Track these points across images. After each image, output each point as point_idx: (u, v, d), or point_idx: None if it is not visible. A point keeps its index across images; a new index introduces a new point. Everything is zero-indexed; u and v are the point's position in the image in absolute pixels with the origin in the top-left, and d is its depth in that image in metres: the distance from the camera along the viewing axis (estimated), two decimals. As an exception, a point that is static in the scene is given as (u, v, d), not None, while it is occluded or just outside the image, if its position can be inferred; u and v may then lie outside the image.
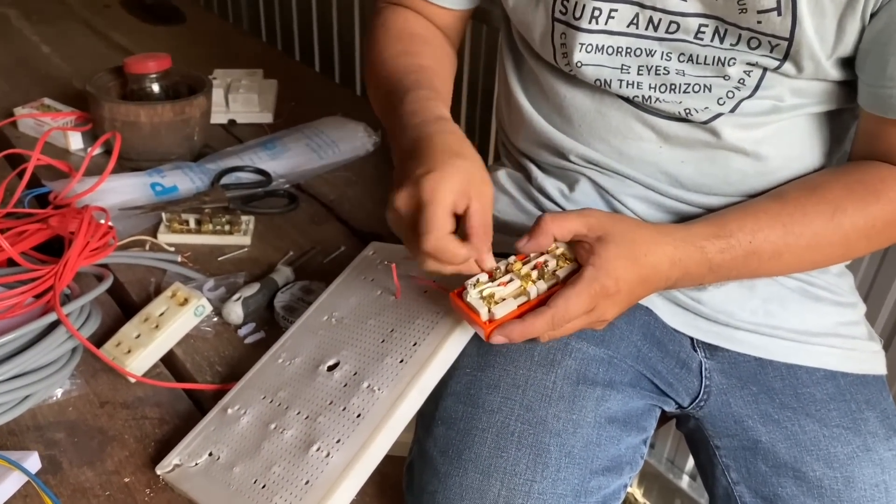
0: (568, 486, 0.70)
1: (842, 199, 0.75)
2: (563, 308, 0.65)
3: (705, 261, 0.71)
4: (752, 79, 0.74)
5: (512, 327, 0.65)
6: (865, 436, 0.78)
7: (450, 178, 0.64)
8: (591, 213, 0.69)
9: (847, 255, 0.79)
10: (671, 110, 0.77)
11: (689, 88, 0.76)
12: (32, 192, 1.14)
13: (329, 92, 1.64)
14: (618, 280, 0.66)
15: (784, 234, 0.73)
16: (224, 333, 0.95)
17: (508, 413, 0.72)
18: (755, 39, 0.71)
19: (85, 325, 0.87)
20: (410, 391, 0.71)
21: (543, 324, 0.65)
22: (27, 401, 0.81)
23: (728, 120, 0.77)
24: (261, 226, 1.14)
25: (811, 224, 0.74)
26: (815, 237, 0.74)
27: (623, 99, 0.79)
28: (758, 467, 0.79)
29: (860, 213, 0.74)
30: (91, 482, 0.76)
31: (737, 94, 0.75)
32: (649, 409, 0.81)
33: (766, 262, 0.74)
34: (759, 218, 0.74)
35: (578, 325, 0.67)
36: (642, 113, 0.79)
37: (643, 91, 0.77)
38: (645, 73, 0.76)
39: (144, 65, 1.28)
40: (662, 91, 0.76)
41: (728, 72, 0.74)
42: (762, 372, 0.82)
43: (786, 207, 0.75)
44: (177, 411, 0.84)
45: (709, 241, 0.72)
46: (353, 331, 0.80)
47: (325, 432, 0.71)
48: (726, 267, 0.73)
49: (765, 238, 0.73)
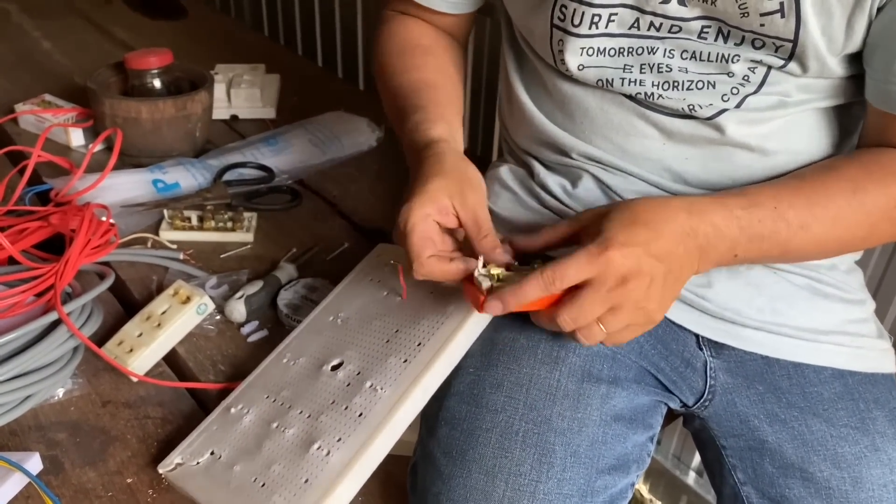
0: (574, 486, 0.69)
1: (861, 178, 0.72)
2: (551, 267, 0.62)
3: (732, 216, 0.68)
4: (757, 76, 0.73)
5: (503, 291, 0.64)
6: (874, 435, 0.77)
7: (421, 206, 0.69)
8: (583, 212, 0.69)
9: (871, 236, 0.75)
10: (675, 107, 0.76)
11: (693, 85, 0.75)
12: (33, 190, 1.14)
13: (332, 87, 1.63)
14: (623, 242, 0.62)
15: (809, 204, 0.70)
16: (227, 332, 0.94)
17: (512, 412, 0.71)
18: (759, 41, 0.70)
19: (86, 324, 0.87)
20: (413, 391, 0.70)
21: (535, 286, 0.63)
22: (28, 401, 0.81)
23: (733, 116, 0.76)
24: (263, 222, 1.14)
25: (834, 199, 0.71)
26: (840, 211, 0.71)
27: (626, 96, 0.78)
28: (764, 468, 0.78)
29: (881, 192, 0.72)
30: (93, 483, 0.76)
31: (741, 90, 0.74)
32: (655, 406, 0.80)
33: (797, 232, 0.70)
34: (780, 190, 0.72)
35: (596, 302, 0.63)
36: (645, 110, 0.78)
37: (646, 88, 0.76)
38: (648, 71, 0.75)
39: (145, 60, 1.28)
40: (665, 88, 0.76)
41: (732, 69, 0.73)
42: (769, 371, 0.81)
43: (805, 183, 0.73)
44: (180, 411, 0.84)
45: (729, 198, 0.69)
46: (357, 331, 0.80)
47: (327, 431, 0.70)
48: (756, 230, 0.68)
49: (789, 205, 0.70)
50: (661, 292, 0.65)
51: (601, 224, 0.65)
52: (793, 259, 0.77)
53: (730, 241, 0.68)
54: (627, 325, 0.65)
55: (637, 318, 0.65)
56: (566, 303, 0.63)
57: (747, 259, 0.72)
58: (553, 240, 0.70)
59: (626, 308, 0.64)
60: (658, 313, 0.66)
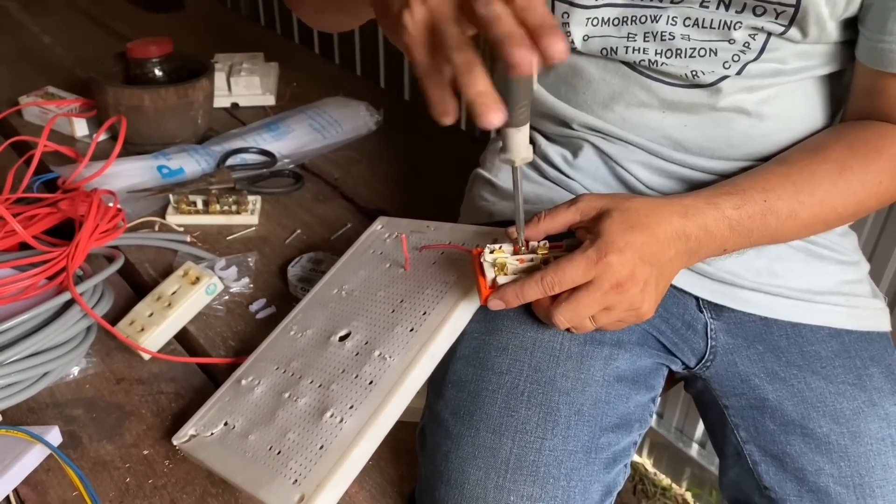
0: (578, 442, 0.71)
1: (846, 157, 0.75)
2: (552, 271, 0.65)
3: (723, 217, 0.71)
4: (757, 42, 0.75)
5: (505, 288, 0.67)
6: (871, 391, 0.78)
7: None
8: (582, 198, 0.70)
9: (858, 213, 0.78)
10: (677, 73, 0.78)
11: (696, 53, 0.76)
12: (41, 178, 1.15)
13: (330, 73, 1.65)
14: (622, 248, 0.65)
15: (796, 192, 0.73)
16: (236, 310, 0.96)
17: (517, 374, 0.73)
18: (760, 7, 0.72)
19: (98, 305, 0.89)
20: (421, 358, 0.72)
21: (535, 289, 0.66)
22: (45, 378, 0.83)
23: (733, 83, 0.77)
24: (267, 205, 1.15)
25: (820, 183, 0.74)
26: (826, 195, 0.74)
27: (628, 65, 0.80)
28: (766, 426, 0.79)
29: (865, 169, 0.75)
30: (111, 455, 0.77)
31: (742, 57, 0.76)
32: (657, 368, 0.82)
33: (785, 221, 0.73)
34: (769, 179, 0.74)
35: (592, 304, 0.65)
36: (646, 80, 0.80)
37: (649, 56, 0.78)
38: (651, 39, 0.77)
39: (147, 49, 1.29)
40: (668, 56, 0.77)
41: (733, 35, 0.74)
42: (767, 331, 0.82)
43: (792, 169, 0.76)
44: (192, 385, 0.86)
45: (721, 198, 0.71)
46: (363, 302, 0.81)
47: (339, 399, 0.72)
48: (746, 226, 0.72)
49: (778, 196, 0.73)
50: (654, 294, 0.68)
51: (600, 226, 0.66)
52: (781, 242, 0.80)
53: (720, 241, 0.72)
54: (619, 320, 0.68)
55: (628, 317, 0.68)
56: (562, 304, 0.66)
57: (736, 250, 0.75)
58: (552, 230, 0.71)
59: (620, 308, 0.67)
60: (649, 312, 0.68)
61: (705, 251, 0.72)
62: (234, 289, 0.99)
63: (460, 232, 0.82)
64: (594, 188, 0.86)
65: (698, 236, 0.70)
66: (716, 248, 0.72)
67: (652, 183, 0.84)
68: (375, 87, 1.73)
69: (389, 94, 1.70)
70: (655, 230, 0.67)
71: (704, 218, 0.70)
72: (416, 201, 1.21)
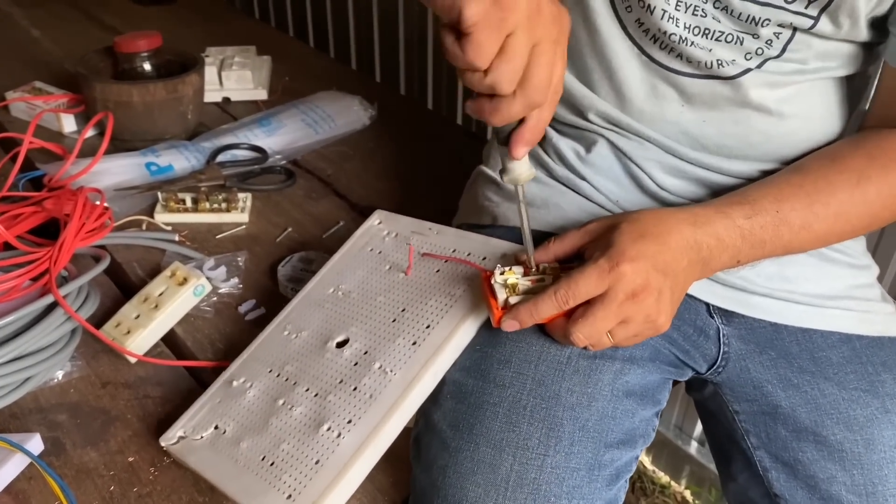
0: (581, 459, 0.68)
1: (865, 167, 0.74)
2: (564, 286, 0.63)
3: (734, 226, 0.69)
4: (781, 40, 0.73)
5: (518, 308, 0.65)
6: (883, 398, 0.76)
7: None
8: (590, 222, 0.70)
9: (871, 225, 0.77)
10: (701, 58, 0.75)
11: (722, 38, 0.74)
12: (26, 176, 1.12)
13: (324, 67, 1.62)
14: (634, 257, 0.63)
15: (810, 202, 0.72)
16: (225, 311, 0.93)
17: (520, 388, 0.70)
18: None
19: (83, 307, 0.86)
20: (424, 375, 0.69)
21: (549, 305, 0.64)
22: (28, 383, 0.80)
23: (754, 77, 0.75)
24: (258, 203, 1.13)
25: (836, 193, 0.73)
26: (841, 206, 0.73)
27: (649, 58, 0.77)
28: (778, 432, 0.77)
29: (884, 180, 0.74)
30: (95, 462, 0.75)
31: (765, 52, 0.74)
32: (664, 383, 0.80)
33: (798, 233, 0.72)
34: (782, 189, 0.73)
35: (608, 317, 0.64)
36: (667, 72, 0.77)
37: (679, 30, 0.74)
38: (682, 9, 0.74)
39: (135, 43, 1.26)
40: (696, 34, 0.74)
41: (759, 31, 0.72)
42: (778, 337, 0.80)
43: (807, 178, 0.74)
44: (179, 390, 0.83)
45: (731, 207, 0.70)
46: (361, 307, 0.78)
47: (336, 412, 0.69)
48: (758, 236, 0.70)
49: (791, 207, 0.71)
50: (669, 305, 0.66)
51: (610, 237, 0.65)
52: (795, 253, 0.78)
53: (732, 251, 0.70)
54: (635, 334, 0.66)
55: (645, 330, 0.66)
56: (579, 320, 0.64)
57: (749, 261, 0.73)
58: (561, 253, 0.71)
59: (636, 321, 0.65)
60: (666, 324, 0.67)
61: (718, 261, 0.70)
62: (223, 289, 0.96)
63: (466, 240, 0.79)
64: (606, 186, 0.83)
65: (710, 245, 0.69)
66: (728, 259, 0.71)
67: (666, 184, 0.81)
68: (370, 81, 1.70)
69: (384, 88, 1.67)
70: (667, 239, 0.66)
71: (715, 227, 0.69)
72: (412, 197, 1.18)
